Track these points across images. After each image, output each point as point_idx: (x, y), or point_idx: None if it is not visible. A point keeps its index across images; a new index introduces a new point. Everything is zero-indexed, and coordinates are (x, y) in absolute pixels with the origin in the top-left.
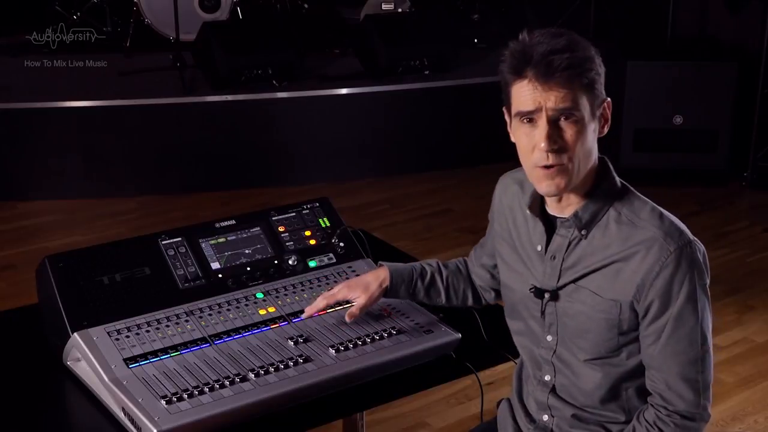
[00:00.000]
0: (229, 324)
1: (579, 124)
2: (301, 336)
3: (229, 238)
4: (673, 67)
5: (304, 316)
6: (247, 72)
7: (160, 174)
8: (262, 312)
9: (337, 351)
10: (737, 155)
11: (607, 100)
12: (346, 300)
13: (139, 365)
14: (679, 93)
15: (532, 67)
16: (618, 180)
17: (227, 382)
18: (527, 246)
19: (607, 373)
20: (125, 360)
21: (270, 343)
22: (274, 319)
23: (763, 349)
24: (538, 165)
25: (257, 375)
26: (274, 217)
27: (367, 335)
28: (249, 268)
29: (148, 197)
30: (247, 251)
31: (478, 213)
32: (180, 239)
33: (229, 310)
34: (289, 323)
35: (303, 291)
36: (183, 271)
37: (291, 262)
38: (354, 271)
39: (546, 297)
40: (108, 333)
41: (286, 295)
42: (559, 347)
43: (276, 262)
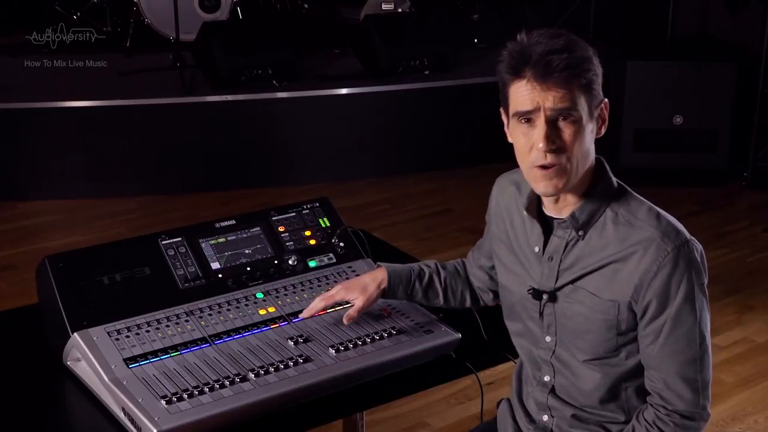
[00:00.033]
0: (229, 324)
1: (577, 124)
2: (301, 336)
3: (229, 238)
4: (673, 67)
5: (302, 317)
6: (247, 72)
7: (160, 174)
8: (262, 312)
9: (337, 351)
10: (737, 155)
11: (605, 100)
12: (344, 301)
13: (139, 365)
14: (679, 93)
15: (531, 67)
16: (615, 180)
17: (227, 382)
18: (525, 247)
19: (606, 374)
20: (125, 360)
21: (270, 343)
22: (274, 319)
23: (763, 349)
24: (536, 165)
25: (257, 375)
26: (274, 217)
27: (367, 335)
28: (249, 268)
29: (148, 197)
30: (247, 251)
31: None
32: (180, 239)
33: (229, 310)
34: (289, 323)
35: (303, 291)
36: (183, 271)
37: (291, 262)
38: (354, 271)
39: (544, 298)
40: (108, 333)
41: (286, 295)
42: (558, 348)
43: (276, 262)
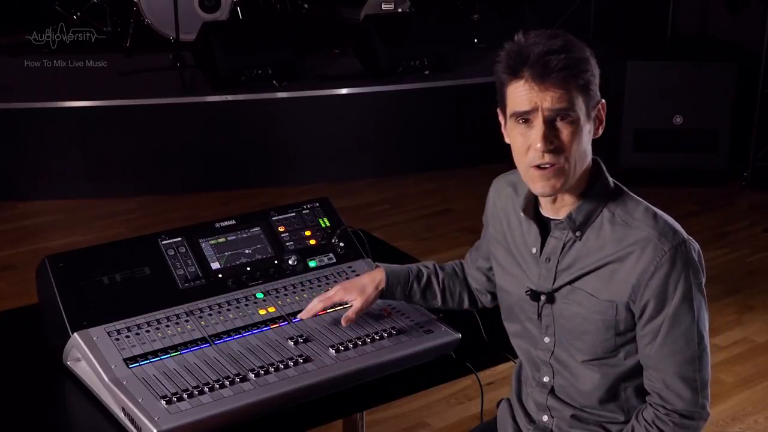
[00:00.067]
0: (229, 324)
1: (575, 124)
2: (301, 336)
3: (229, 238)
4: (673, 67)
5: (301, 317)
6: (247, 72)
7: (160, 174)
8: (262, 312)
9: (337, 351)
10: (737, 155)
11: (602, 101)
12: (343, 301)
13: (139, 365)
14: (679, 93)
15: (529, 68)
16: (611, 180)
17: (227, 382)
18: (522, 248)
19: (605, 374)
20: (125, 360)
21: (270, 343)
22: (274, 319)
23: (763, 349)
24: (533, 164)
25: (257, 375)
26: (274, 217)
27: (367, 335)
28: (249, 268)
29: (148, 197)
30: (247, 251)
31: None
32: (180, 239)
33: (229, 310)
34: (289, 323)
35: (303, 291)
36: (183, 271)
37: (291, 262)
38: (354, 271)
39: (542, 299)
40: (108, 333)
41: (286, 295)
42: (556, 349)
43: (276, 262)
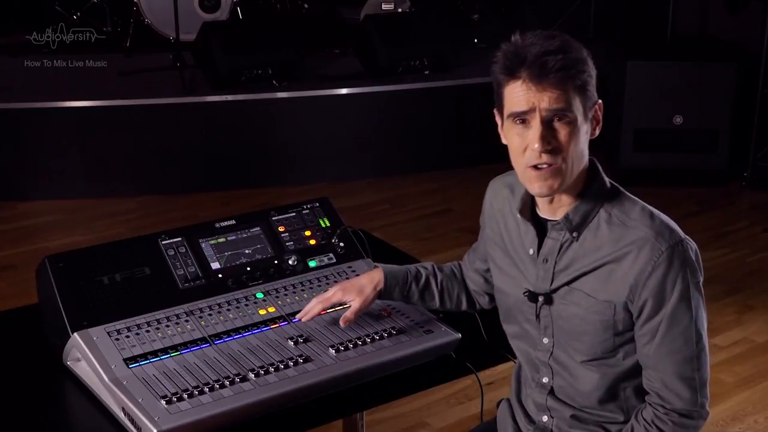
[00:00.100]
0: (229, 324)
1: (572, 125)
2: (301, 336)
3: (229, 238)
4: (673, 67)
5: (300, 318)
6: (247, 72)
7: (160, 174)
8: (262, 312)
9: (337, 351)
10: (737, 155)
11: (599, 101)
12: (342, 302)
13: (139, 365)
14: (679, 93)
15: (526, 68)
16: (607, 181)
17: (227, 382)
18: (519, 250)
19: (605, 374)
20: (125, 360)
21: (270, 343)
22: (274, 319)
23: (763, 349)
24: (530, 164)
25: (257, 375)
26: (274, 217)
27: (367, 335)
28: (249, 268)
29: (148, 197)
30: (247, 251)
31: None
32: (180, 239)
33: (229, 310)
34: (289, 323)
35: (303, 291)
36: (183, 271)
37: (291, 262)
38: (354, 271)
39: (540, 300)
40: (108, 333)
41: (286, 295)
42: (555, 349)
43: (276, 262)
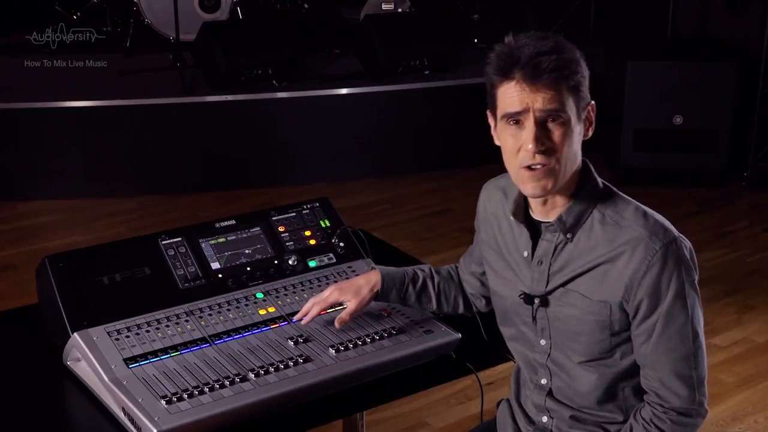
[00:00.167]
0: (229, 324)
1: (566, 125)
2: (301, 336)
3: (229, 238)
4: (673, 67)
5: (298, 319)
6: (247, 72)
7: (160, 174)
8: (262, 312)
9: (337, 351)
10: (737, 155)
11: (592, 103)
12: (339, 302)
13: (139, 365)
14: (679, 93)
15: (520, 69)
16: (600, 181)
17: (227, 382)
18: (514, 252)
19: (603, 374)
20: (125, 360)
21: (270, 343)
22: (274, 319)
23: (763, 349)
24: (524, 165)
25: (257, 375)
26: (274, 217)
27: (367, 335)
28: (249, 268)
29: (148, 197)
30: (247, 251)
31: None
32: (180, 239)
33: (229, 310)
34: (289, 323)
35: (303, 291)
36: (183, 271)
37: (291, 262)
38: (354, 271)
39: (536, 302)
40: (108, 333)
41: (286, 295)
42: (553, 351)
43: (276, 262)
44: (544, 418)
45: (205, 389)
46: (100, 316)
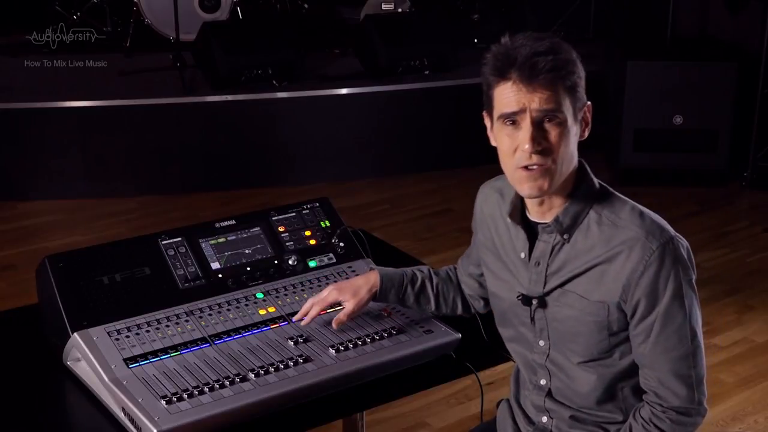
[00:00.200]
0: (229, 324)
1: (562, 126)
2: (301, 336)
3: (229, 238)
4: (673, 67)
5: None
6: (247, 72)
7: (160, 174)
8: (262, 312)
9: (337, 351)
10: (737, 155)
11: (588, 103)
12: (337, 302)
13: (139, 365)
14: (679, 93)
15: (516, 69)
16: (596, 181)
17: (227, 382)
18: (511, 254)
19: (602, 375)
20: (125, 360)
21: (270, 343)
22: (274, 319)
23: (763, 349)
24: (520, 165)
25: (257, 375)
26: (274, 217)
27: (367, 335)
28: (249, 268)
29: (148, 197)
30: (247, 251)
31: None
32: (180, 239)
33: (229, 310)
34: (289, 323)
35: (303, 291)
36: (183, 271)
37: (291, 262)
38: (354, 271)
39: (534, 303)
40: (108, 333)
41: (286, 295)
42: (551, 351)
43: (276, 262)
44: (544, 419)
45: (205, 389)
46: (100, 316)
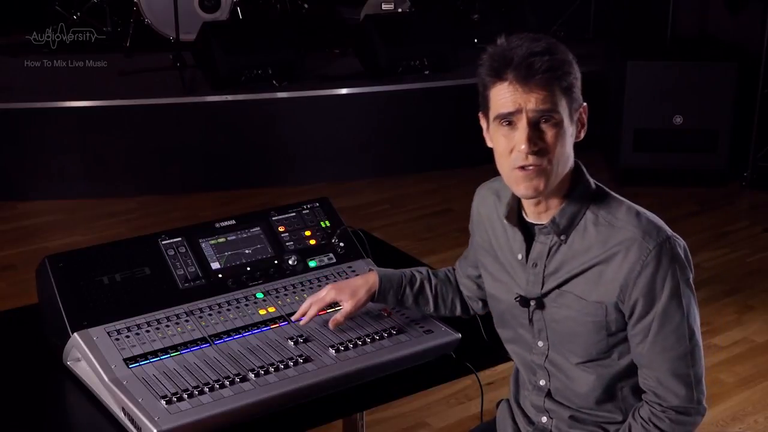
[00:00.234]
0: (229, 324)
1: (559, 126)
2: (301, 336)
3: (229, 238)
4: (673, 67)
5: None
6: (247, 72)
7: (160, 174)
8: (262, 312)
9: (337, 351)
10: (737, 155)
11: (584, 104)
12: (336, 302)
13: (139, 365)
14: (679, 93)
15: (513, 69)
16: (592, 182)
17: (227, 382)
18: (508, 255)
19: (601, 375)
20: (125, 360)
21: (270, 343)
22: (274, 319)
23: (763, 349)
24: (516, 166)
25: (257, 375)
26: (274, 217)
27: (367, 335)
28: (249, 268)
29: (148, 197)
30: (247, 251)
31: None
32: (180, 239)
33: (229, 310)
34: (289, 323)
35: (303, 291)
36: (183, 271)
37: (291, 262)
38: (354, 271)
39: (532, 305)
40: (108, 333)
41: (286, 295)
42: (550, 352)
43: (276, 262)
44: (544, 419)
45: (205, 389)
46: (100, 316)
